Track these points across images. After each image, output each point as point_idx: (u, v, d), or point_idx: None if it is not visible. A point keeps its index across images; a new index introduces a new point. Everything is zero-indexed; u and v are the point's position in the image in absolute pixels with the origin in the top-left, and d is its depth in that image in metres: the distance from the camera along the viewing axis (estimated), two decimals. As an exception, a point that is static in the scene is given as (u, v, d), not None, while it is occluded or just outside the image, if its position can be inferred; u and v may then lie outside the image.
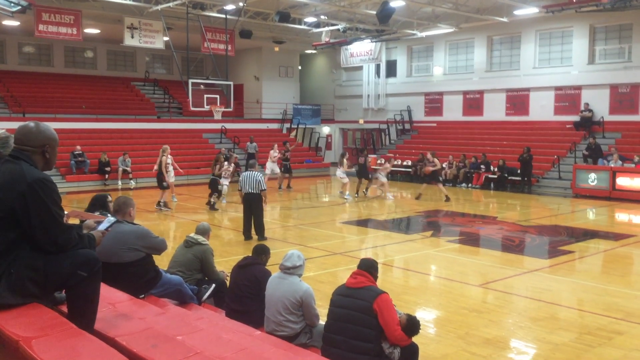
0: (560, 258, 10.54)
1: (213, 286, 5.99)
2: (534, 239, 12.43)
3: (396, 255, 11.05)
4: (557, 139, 23.32)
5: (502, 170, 21.57)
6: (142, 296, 4.77)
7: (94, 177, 21.91)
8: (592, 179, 19.22)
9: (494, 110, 26.32)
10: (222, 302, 5.84)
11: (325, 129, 33.16)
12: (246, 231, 11.80)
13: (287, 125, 30.88)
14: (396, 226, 14.65)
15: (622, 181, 18.64)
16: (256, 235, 11.68)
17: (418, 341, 4.84)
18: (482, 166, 22.32)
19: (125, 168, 22.08)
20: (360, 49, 29.75)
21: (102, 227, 3.63)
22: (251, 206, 11.63)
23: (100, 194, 6.22)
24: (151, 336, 3.16)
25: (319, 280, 8.54)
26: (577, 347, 6.17)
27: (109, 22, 23.85)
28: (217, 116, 23.86)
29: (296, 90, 33.48)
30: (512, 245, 11.78)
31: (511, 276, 9.33)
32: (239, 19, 23.57)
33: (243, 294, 5.45)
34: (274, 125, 30.72)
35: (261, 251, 5.90)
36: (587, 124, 22.74)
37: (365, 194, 19.54)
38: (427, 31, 25.26)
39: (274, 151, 21.07)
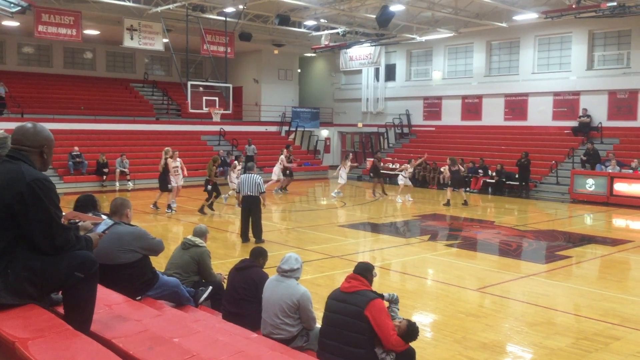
0: (558, 263, 10.56)
1: (210, 288, 5.98)
2: (531, 243, 12.45)
3: (394, 258, 11.06)
4: (555, 144, 23.36)
5: (500, 175, 21.59)
6: (138, 298, 4.76)
7: (91, 178, 21.89)
8: (590, 185, 19.25)
9: (493, 115, 26.37)
10: (219, 305, 5.83)
11: (324, 132, 33.16)
12: (244, 233, 11.80)
13: (285, 128, 30.91)
14: (394, 229, 14.66)
15: (620, 187, 18.66)
16: (254, 237, 11.68)
17: (415, 345, 4.83)
18: (480, 171, 22.35)
19: (123, 169, 22.07)
20: (360, 53, 29.74)
21: (99, 229, 3.63)
22: (250, 209, 11.64)
23: (86, 194, 5.77)
24: (147, 338, 3.16)
25: (316, 284, 8.54)
26: (574, 352, 6.17)
27: (109, 24, 23.86)
28: (216, 118, 23.87)
29: (295, 93, 33.51)
30: (510, 250, 11.79)
31: (508, 281, 9.34)
32: (238, 21, 23.63)
33: (240, 297, 5.44)
34: (273, 128, 30.74)
35: (259, 254, 5.89)
36: (585, 130, 22.79)
37: (382, 195, 20.05)
38: (426, 35, 25.31)
39: (283, 156, 21.07)
